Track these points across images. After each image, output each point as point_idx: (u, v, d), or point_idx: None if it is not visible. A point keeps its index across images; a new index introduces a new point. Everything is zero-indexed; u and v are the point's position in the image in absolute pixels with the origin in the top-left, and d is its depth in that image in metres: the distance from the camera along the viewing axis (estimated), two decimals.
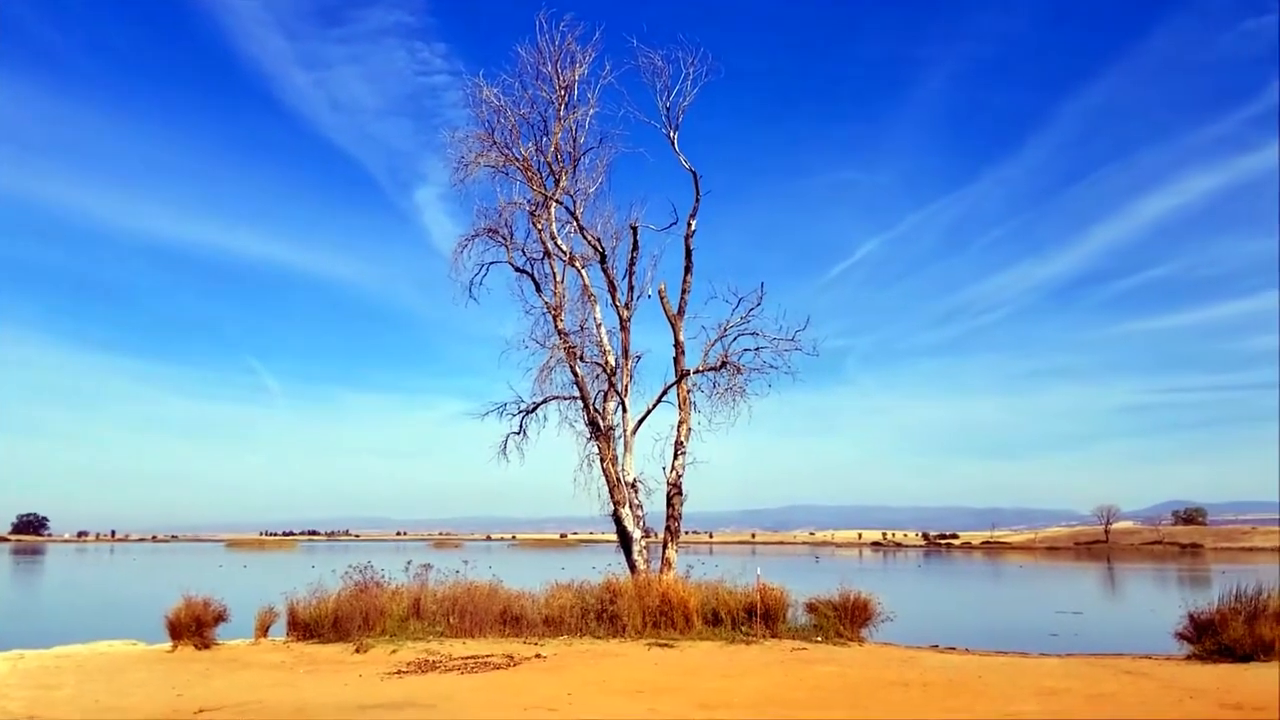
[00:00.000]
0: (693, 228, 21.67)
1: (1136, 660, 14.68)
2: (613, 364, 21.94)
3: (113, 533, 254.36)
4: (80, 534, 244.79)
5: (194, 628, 16.60)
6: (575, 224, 22.19)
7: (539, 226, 22.60)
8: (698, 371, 21.39)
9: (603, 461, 21.33)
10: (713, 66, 21.34)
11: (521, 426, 22.71)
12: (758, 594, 17.62)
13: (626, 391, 21.77)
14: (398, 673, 13.56)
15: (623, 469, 21.32)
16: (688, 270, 21.76)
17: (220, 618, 17.08)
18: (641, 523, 21.18)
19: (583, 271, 22.51)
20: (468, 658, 14.75)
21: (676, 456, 20.97)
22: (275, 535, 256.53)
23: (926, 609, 33.58)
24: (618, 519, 21.08)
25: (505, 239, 22.94)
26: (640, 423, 21.60)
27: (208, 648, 16.46)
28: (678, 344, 21.55)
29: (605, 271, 22.22)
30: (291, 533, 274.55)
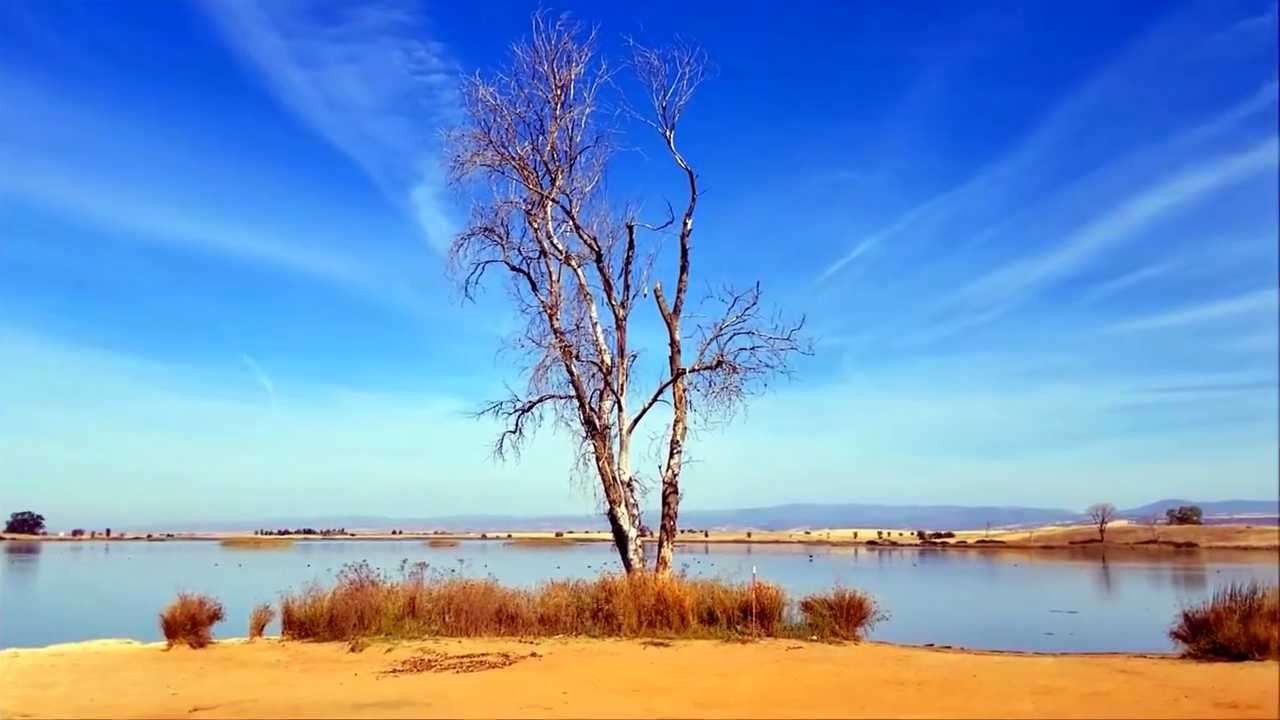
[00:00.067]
0: (689, 227, 21.69)
1: (1131, 659, 14.70)
2: (609, 363, 21.93)
3: (108, 531, 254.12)
4: (75, 532, 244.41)
5: (189, 626, 16.60)
6: (571, 223, 22.17)
7: (535, 225, 22.58)
8: (693, 370, 21.39)
9: (598, 460, 21.32)
10: (709, 66, 21.34)
11: (517, 425, 22.76)
12: (753, 593, 17.61)
13: (622, 390, 21.78)
14: (393, 671, 13.54)
15: (618, 468, 21.32)
16: (684, 269, 21.77)
17: (215, 616, 17.09)
18: (637, 522, 21.17)
19: (579, 270, 22.51)
20: (463, 657, 14.73)
21: (672, 455, 20.96)
22: (271, 534, 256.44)
23: (922, 608, 33.63)
24: (613, 518, 21.07)
25: (501, 238, 22.93)
26: (636, 422, 21.63)
27: (203, 646, 16.44)
28: (673, 343, 21.54)
29: (601, 270, 22.22)
30: (287, 531, 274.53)
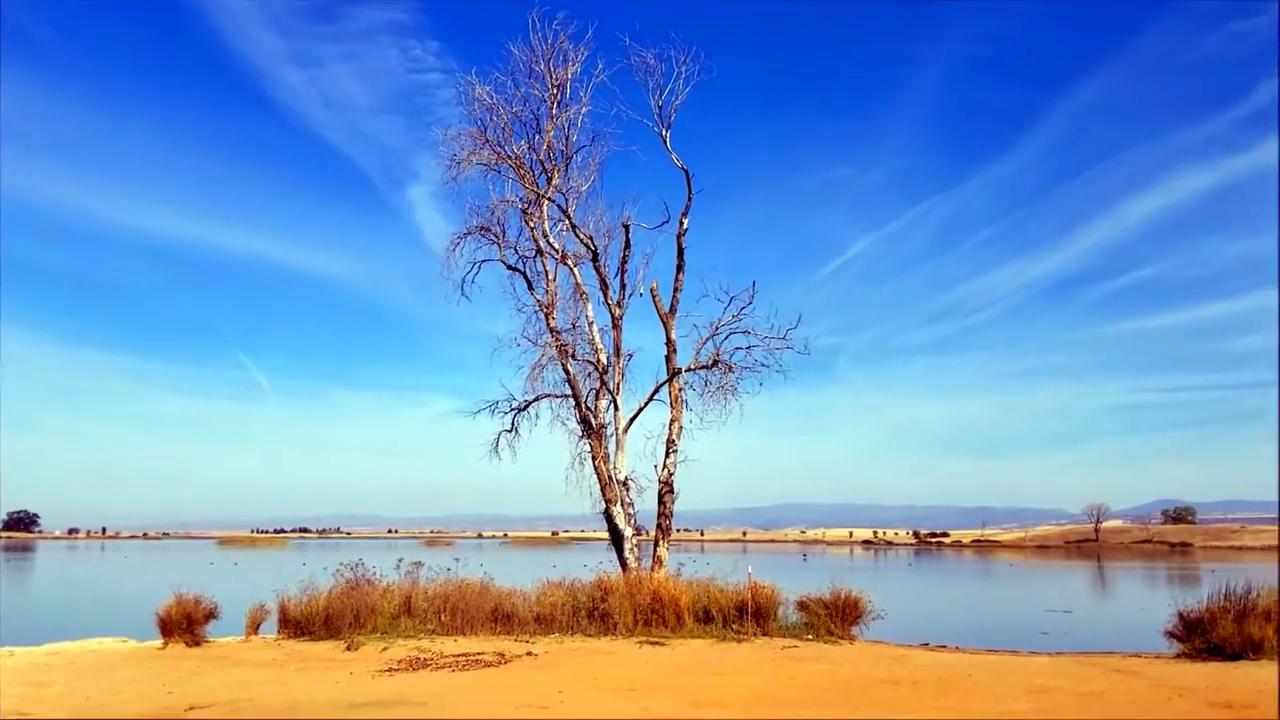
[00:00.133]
0: (685, 226, 21.69)
1: (1126, 658, 14.75)
2: (605, 362, 21.94)
3: (104, 530, 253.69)
4: (71, 531, 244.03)
5: (185, 625, 16.58)
6: (567, 222, 22.16)
7: (531, 224, 22.56)
8: (689, 370, 21.41)
9: (594, 459, 21.32)
10: (705, 65, 21.34)
11: (513, 424, 22.76)
12: (749, 592, 17.64)
13: (618, 389, 21.79)
14: (389, 670, 13.54)
15: (614, 467, 21.33)
16: (680, 268, 21.77)
17: (211, 615, 17.06)
18: (633, 520, 21.19)
19: (575, 270, 22.50)
20: (459, 655, 14.73)
21: (668, 454, 20.98)
22: (267, 533, 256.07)
23: (917, 607, 33.71)
24: (609, 517, 21.08)
25: (497, 237, 22.91)
26: (632, 421, 21.64)
27: (199, 645, 16.43)
28: (670, 342, 21.55)
29: (597, 270, 22.22)
30: (283, 530, 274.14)
